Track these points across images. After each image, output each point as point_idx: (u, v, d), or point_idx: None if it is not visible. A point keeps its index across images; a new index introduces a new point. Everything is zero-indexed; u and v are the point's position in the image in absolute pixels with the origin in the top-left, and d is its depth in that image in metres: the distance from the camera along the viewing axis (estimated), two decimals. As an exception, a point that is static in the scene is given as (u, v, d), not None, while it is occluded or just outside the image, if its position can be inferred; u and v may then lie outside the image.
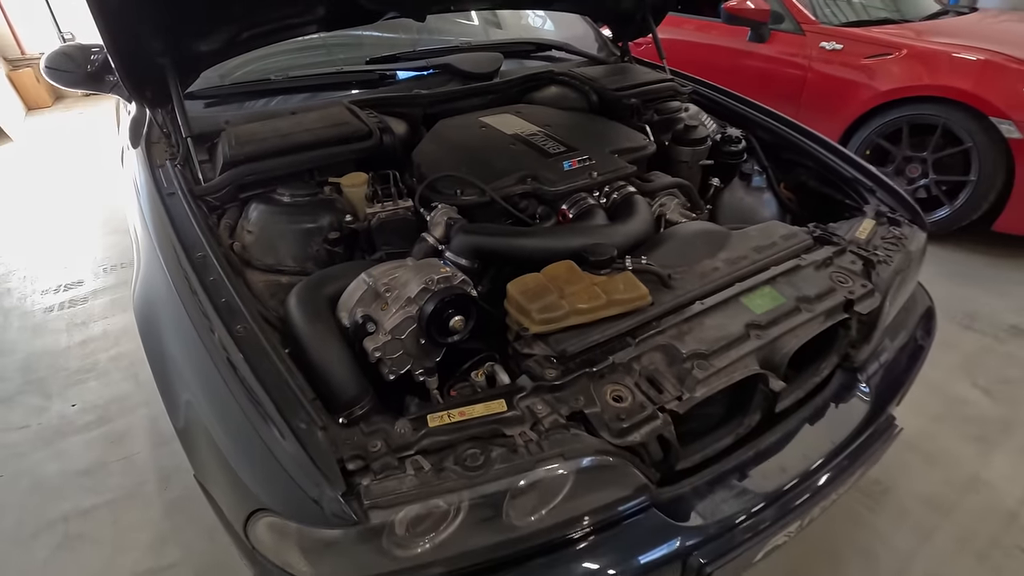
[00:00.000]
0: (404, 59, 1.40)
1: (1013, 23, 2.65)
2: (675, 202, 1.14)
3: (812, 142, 1.29)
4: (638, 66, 1.58)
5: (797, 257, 0.93)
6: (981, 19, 2.71)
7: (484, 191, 0.95)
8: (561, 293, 0.77)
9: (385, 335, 0.74)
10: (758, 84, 2.67)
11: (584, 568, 0.68)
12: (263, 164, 0.99)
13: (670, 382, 0.71)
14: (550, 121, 1.22)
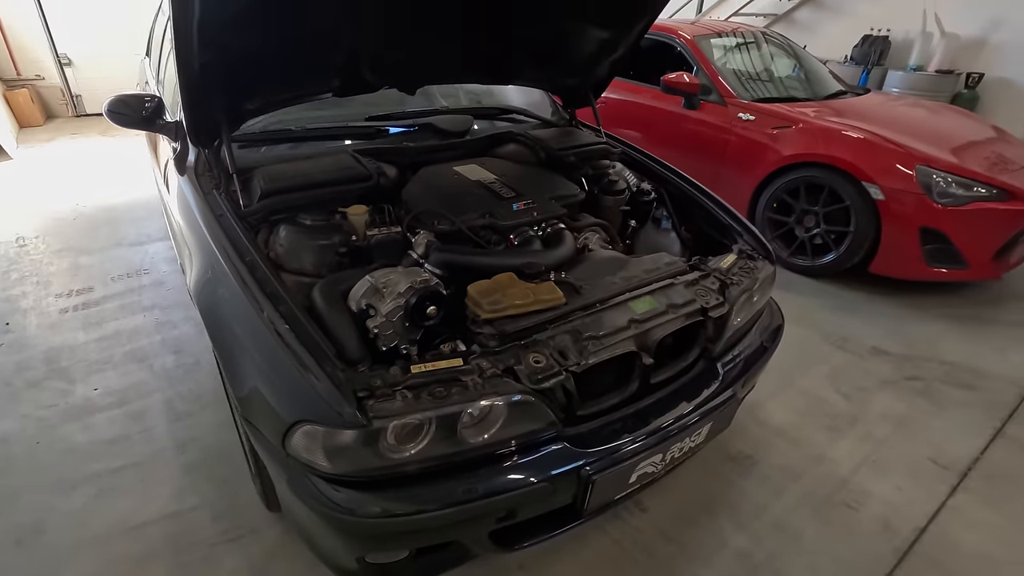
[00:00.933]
0: (396, 118, 1.77)
1: (898, 106, 3.23)
2: (596, 236, 1.53)
3: (703, 196, 1.71)
4: (581, 130, 2.00)
5: (673, 278, 1.32)
6: (872, 101, 3.27)
7: (454, 223, 1.32)
8: (504, 293, 1.13)
9: (382, 318, 1.08)
10: (692, 143, 3.17)
11: (512, 476, 1.02)
12: (291, 196, 1.33)
13: (573, 353, 1.08)
14: (506, 172, 1.60)
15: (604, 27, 1.70)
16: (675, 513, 1.47)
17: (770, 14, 5.78)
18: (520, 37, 1.63)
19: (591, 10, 1.61)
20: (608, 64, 1.87)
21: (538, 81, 1.97)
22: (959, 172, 2.41)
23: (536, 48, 1.71)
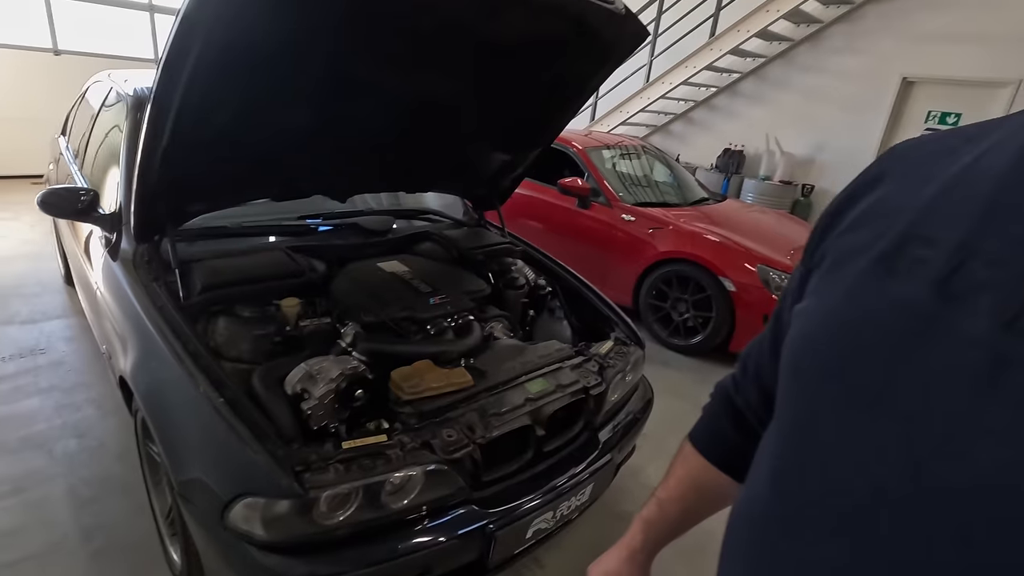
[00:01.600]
0: (326, 217, 2.00)
1: (748, 213, 3.93)
2: (500, 326, 1.81)
3: (588, 291, 2.06)
4: (488, 230, 2.33)
5: (561, 362, 1.61)
6: (728, 208, 3.95)
7: (378, 315, 1.54)
8: (422, 378, 1.35)
9: (315, 400, 1.26)
10: (586, 236, 3.63)
11: (427, 536, 1.21)
12: (230, 291, 1.50)
13: (479, 427, 1.31)
14: (424, 268, 1.86)
15: (505, 153, 2.07)
16: (569, 569, 1.68)
17: (651, 124, 6.76)
18: (436, 159, 1.95)
19: (493, 141, 1.98)
20: (510, 179, 2.24)
21: (452, 189, 2.29)
22: (790, 270, 3.00)
23: (450, 166, 2.04)
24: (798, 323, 0.47)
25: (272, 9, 1.09)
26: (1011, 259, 0.34)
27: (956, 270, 0.37)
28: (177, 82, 1.16)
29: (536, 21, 1.30)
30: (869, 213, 0.45)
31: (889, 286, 0.40)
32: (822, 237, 0.49)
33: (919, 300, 0.38)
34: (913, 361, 0.36)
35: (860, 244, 0.43)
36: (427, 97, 1.63)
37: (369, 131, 1.69)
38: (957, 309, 0.36)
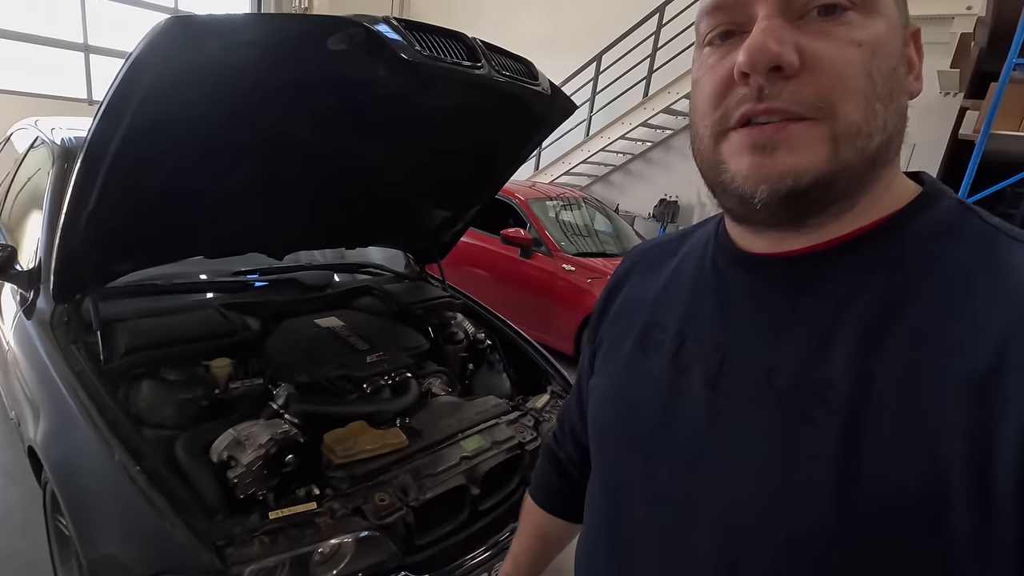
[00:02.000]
0: (263, 273, 1.98)
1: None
2: (438, 381, 1.82)
3: (526, 344, 2.11)
4: (429, 284, 2.36)
5: (498, 418, 1.64)
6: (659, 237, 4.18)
7: (312, 375, 1.53)
8: (355, 440, 1.35)
9: (242, 468, 1.23)
10: (529, 285, 3.73)
11: (358, 606, 1.18)
12: (155, 353, 1.45)
13: (413, 490, 1.31)
14: (362, 324, 1.87)
15: (445, 209, 2.13)
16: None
17: (593, 175, 7.08)
18: (376, 215, 1.99)
19: (433, 199, 2.04)
20: (451, 234, 2.30)
21: (393, 243, 2.32)
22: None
23: (390, 222, 2.08)
24: (594, 396, 0.60)
25: (218, 69, 1.10)
26: (703, 342, 0.49)
27: (679, 349, 0.50)
28: (114, 131, 1.13)
29: (468, 96, 1.39)
30: (625, 305, 0.60)
31: (645, 363, 0.53)
32: (598, 325, 0.63)
33: (663, 373, 0.51)
34: (667, 417, 0.49)
35: (624, 331, 0.57)
36: (366, 159, 1.68)
37: (308, 189, 1.71)
38: (684, 377, 0.49)
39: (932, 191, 0.44)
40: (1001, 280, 0.37)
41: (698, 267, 0.53)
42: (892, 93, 0.40)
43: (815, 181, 0.39)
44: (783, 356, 0.43)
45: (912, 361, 0.37)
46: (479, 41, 1.30)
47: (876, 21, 0.39)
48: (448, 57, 1.21)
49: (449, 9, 8.58)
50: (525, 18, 7.73)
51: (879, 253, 0.42)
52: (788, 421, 0.41)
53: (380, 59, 1.15)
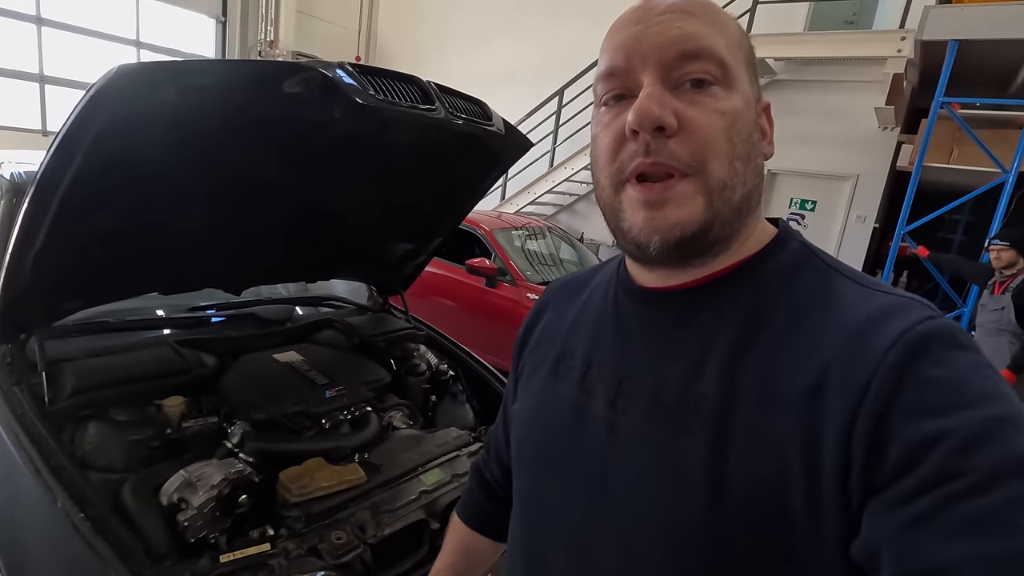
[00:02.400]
0: (220, 308, 1.96)
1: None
2: (400, 415, 1.82)
3: (488, 374, 2.13)
4: (392, 315, 2.37)
5: (459, 450, 1.64)
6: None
7: (269, 412, 1.51)
8: (312, 478, 1.33)
9: (193, 510, 1.20)
10: (494, 314, 3.76)
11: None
12: (104, 393, 1.42)
13: (371, 526, 1.30)
14: (322, 358, 1.86)
15: (407, 242, 2.16)
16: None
17: (558, 204, 7.22)
18: (337, 249, 2.00)
19: (395, 233, 2.07)
20: (413, 266, 2.32)
21: (355, 276, 2.33)
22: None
23: (352, 255, 2.10)
24: (516, 420, 0.65)
25: (175, 112, 1.11)
26: (605, 366, 0.56)
27: (586, 373, 0.57)
28: (66, 169, 1.11)
29: (425, 136, 1.43)
30: (543, 334, 0.67)
31: (558, 387, 0.60)
32: (520, 353, 0.70)
33: (572, 395, 0.57)
34: (575, 436, 0.56)
35: (541, 358, 0.64)
36: (326, 196, 1.70)
37: (267, 226, 1.72)
38: (589, 398, 0.55)
39: (783, 235, 0.53)
40: (832, 313, 0.45)
41: (603, 299, 0.61)
42: (749, 155, 0.49)
43: (697, 229, 0.47)
44: (669, 377, 0.50)
45: (764, 377, 0.45)
46: (433, 84, 1.35)
47: (734, 95, 0.48)
48: (403, 101, 1.26)
49: (416, 44, 8.78)
50: (491, 52, 7.95)
51: (741, 288, 0.50)
52: (671, 434, 0.48)
53: (336, 102, 1.19)
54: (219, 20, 7.43)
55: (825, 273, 0.49)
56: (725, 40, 0.49)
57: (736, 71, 0.49)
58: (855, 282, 0.48)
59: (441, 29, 8.44)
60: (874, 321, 0.43)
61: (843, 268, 0.50)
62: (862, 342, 0.42)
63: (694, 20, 0.48)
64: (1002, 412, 0.37)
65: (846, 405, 0.40)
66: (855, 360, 0.41)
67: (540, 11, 7.48)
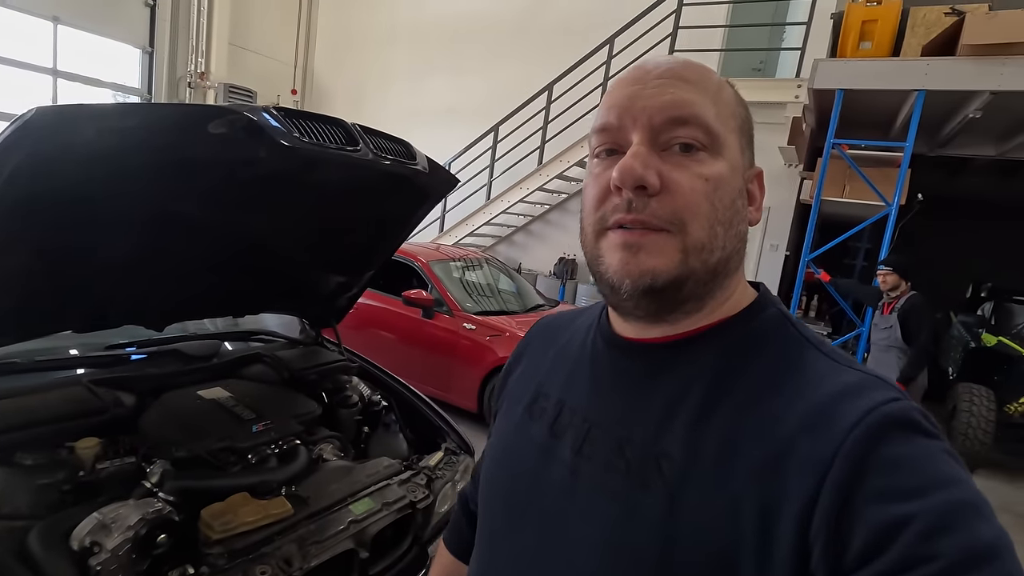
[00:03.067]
0: (141, 345, 1.91)
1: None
2: (330, 447, 1.82)
3: (421, 403, 2.17)
4: (323, 349, 2.37)
5: (389, 479, 1.66)
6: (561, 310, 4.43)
7: (192, 449, 1.49)
8: (235, 513, 1.32)
9: (107, 554, 1.17)
10: (431, 344, 3.78)
11: None
12: (10, 437, 1.36)
13: (297, 558, 1.30)
14: (249, 393, 1.84)
15: (339, 275, 2.19)
16: None
17: (496, 235, 7.38)
18: (266, 283, 2.00)
19: (326, 266, 2.10)
20: (346, 298, 2.34)
21: (286, 310, 2.32)
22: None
23: (282, 288, 2.10)
24: (486, 456, 0.67)
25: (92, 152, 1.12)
26: (576, 411, 0.57)
27: (557, 417, 0.58)
28: None
29: (351, 175, 1.50)
30: (524, 372, 0.68)
31: (530, 427, 0.60)
32: (502, 387, 0.72)
33: (542, 437, 0.58)
34: (539, 477, 0.57)
35: (519, 396, 0.65)
36: (255, 231, 1.72)
37: (193, 261, 1.71)
38: (558, 442, 0.56)
39: (763, 301, 0.54)
40: (799, 385, 0.46)
41: (582, 343, 0.61)
42: (731, 220, 0.50)
43: (668, 282, 0.48)
44: (634, 431, 0.50)
45: (725, 441, 0.46)
46: (358, 126, 1.42)
47: (720, 162, 0.49)
48: (329, 142, 1.33)
49: (355, 79, 8.85)
50: (430, 90, 8.14)
51: (714, 349, 0.51)
52: (631, 488, 0.48)
53: (261, 143, 1.24)
54: (146, 50, 7.23)
55: (797, 344, 0.50)
56: (717, 109, 0.49)
57: (725, 139, 0.50)
58: (826, 355, 0.48)
59: (380, 65, 8.58)
60: (840, 398, 0.43)
61: (815, 340, 0.50)
62: (827, 417, 0.42)
63: (688, 87, 0.49)
64: (964, 497, 0.38)
65: (808, 481, 0.40)
66: (818, 435, 0.42)
67: (476, 53, 7.76)
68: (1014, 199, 6.69)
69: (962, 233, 7.11)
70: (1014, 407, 4.19)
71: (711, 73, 0.52)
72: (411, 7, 8.29)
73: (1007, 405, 4.21)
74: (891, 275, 3.48)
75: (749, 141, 0.54)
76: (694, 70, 0.51)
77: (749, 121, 0.54)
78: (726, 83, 0.53)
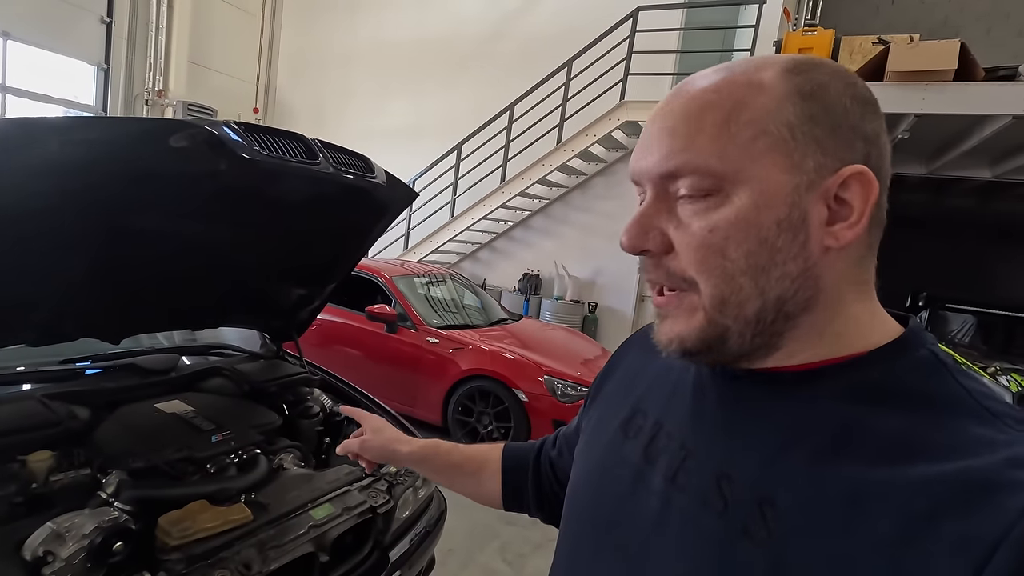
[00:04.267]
0: (95, 359, 1.89)
1: (541, 330, 4.49)
2: (291, 456, 1.84)
3: (383, 412, 2.20)
4: (286, 361, 2.38)
5: (350, 485, 1.69)
6: (523, 326, 4.49)
7: (149, 459, 1.49)
8: (194, 520, 1.34)
9: (61, 562, 1.17)
10: (395, 359, 3.80)
11: None
12: (-41, 450, 1.34)
13: (256, 562, 1.32)
14: (208, 405, 1.84)
15: (301, 288, 2.22)
16: None
17: (461, 252, 7.45)
18: (226, 295, 2.02)
19: (287, 279, 2.12)
20: (308, 311, 2.36)
21: (246, 323, 2.33)
22: (572, 379, 3.49)
23: (242, 301, 2.12)
24: (575, 467, 0.64)
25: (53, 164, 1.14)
26: (673, 436, 0.52)
27: (653, 439, 0.53)
28: None
29: (312, 188, 1.56)
30: (620, 382, 0.65)
31: (623, 446, 0.56)
32: (597, 390, 0.69)
33: (636, 458, 0.54)
34: (628, 501, 0.52)
35: (614, 409, 0.61)
36: (215, 243, 1.74)
37: (151, 272, 1.72)
38: (651, 467, 0.52)
39: (911, 338, 0.45)
40: (955, 445, 0.38)
41: (684, 364, 0.54)
42: (763, 265, 0.43)
43: (699, 343, 0.45)
44: (736, 466, 0.45)
45: (848, 497, 0.39)
46: (318, 141, 1.49)
47: (731, 205, 0.43)
48: (288, 155, 1.38)
49: (317, 99, 8.87)
50: (392, 109, 8.22)
51: (842, 389, 0.43)
52: (728, 530, 0.43)
53: (222, 156, 1.29)
54: (101, 67, 7.10)
55: (955, 397, 0.41)
56: (725, 140, 0.42)
57: (742, 170, 0.42)
58: (991, 414, 0.40)
59: (342, 84, 8.62)
60: (1005, 468, 0.36)
61: (979, 393, 0.41)
62: (987, 491, 0.35)
63: (678, 134, 0.44)
64: None
65: (961, 563, 0.34)
66: (977, 511, 0.35)
67: (437, 74, 7.91)
68: (942, 214, 7.18)
69: (899, 245, 7.53)
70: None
71: (725, 94, 0.43)
72: (373, 28, 8.40)
73: (943, 406, 4.47)
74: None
75: (811, 145, 0.42)
76: (698, 101, 0.44)
77: (812, 119, 0.42)
78: (763, 89, 0.43)
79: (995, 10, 6.14)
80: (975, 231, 7.40)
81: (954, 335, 5.39)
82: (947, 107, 3.89)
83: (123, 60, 7.17)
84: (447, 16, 7.81)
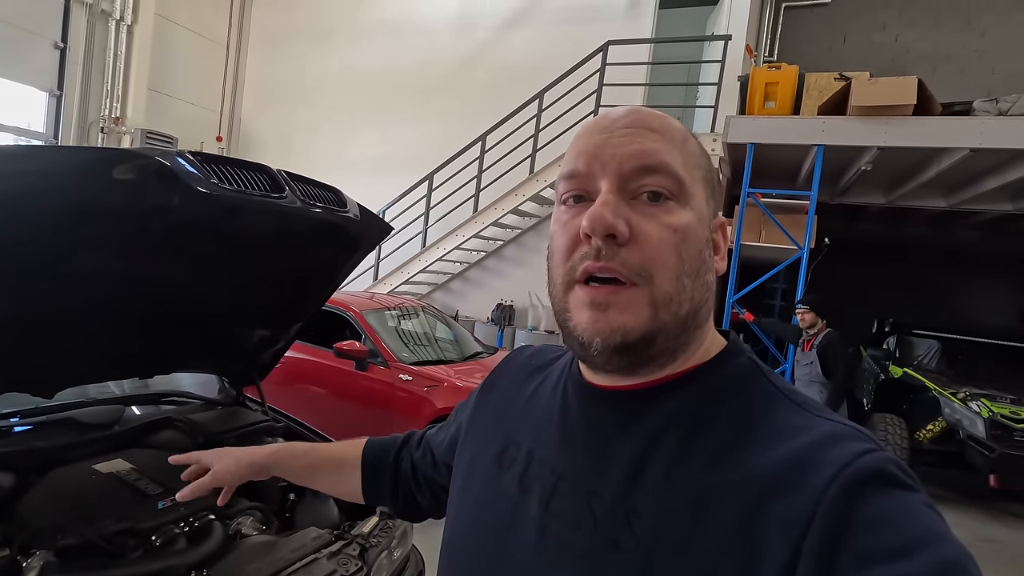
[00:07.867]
0: (24, 415, 1.68)
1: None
2: (251, 520, 1.64)
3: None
4: (245, 409, 2.18)
5: (317, 552, 1.51)
6: (500, 357, 4.37)
7: (83, 534, 1.30)
8: (134, 608, 1.15)
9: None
10: (366, 397, 3.61)
11: None
12: None
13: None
14: (155, 464, 1.65)
15: (264, 328, 2.05)
16: None
17: (432, 283, 7.30)
18: (182, 339, 1.84)
19: (250, 319, 1.96)
20: (271, 353, 2.19)
21: (203, 368, 2.14)
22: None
23: (199, 345, 1.93)
24: (452, 503, 0.64)
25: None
26: (545, 463, 0.55)
27: (527, 469, 0.56)
28: None
29: (279, 223, 1.42)
30: (494, 412, 0.65)
31: (501, 478, 0.58)
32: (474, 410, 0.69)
33: (512, 490, 0.56)
34: (509, 533, 0.54)
35: (488, 441, 0.62)
36: (168, 283, 1.58)
37: (93, 316, 1.54)
38: (526, 496, 0.54)
39: (732, 349, 0.53)
40: (773, 435, 0.45)
41: (553, 391, 0.59)
42: (698, 271, 0.49)
43: (639, 338, 0.47)
44: (603, 483, 0.49)
45: (698, 497, 0.44)
46: (284, 172, 1.36)
47: (687, 212, 0.49)
48: (250, 189, 1.25)
49: (284, 128, 8.71)
50: (361, 140, 8.13)
51: (685, 398, 0.50)
52: (599, 546, 0.46)
53: (175, 190, 1.15)
54: (53, 94, 6.80)
55: (769, 393, 0.49)
56: (684, 158, 0.49)
57: (691, 188, 0.49)
58: (797, 405, 0.47)
59: (310, 114, 8.49)
60: (814, 449, 0.42)
61: (786, 389, 0.49)
62: (800, 472, 0.41)
63: (654, 137, 0.49)
64: (950, 556, 0.37)
65: (786, 543, 0.39)
66: (793, 491, 0.40)
67: (407, 105, 7.87)
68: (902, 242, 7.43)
69: (863, 273, 7.77)
70: (923, 434, 4.50)
71: (676, 123, 0.52)
72: (342, 58, 8.34)
73: (917, 432, 4.51)
74: (808, 313, 3.71)
75: (713, 191, 0.53)
76: (659, 119, 0.51)
77: (713, 171, 0.53)
78: (690, 134, 0.53)
79: (937, 52, 6.48)
80: (933, 258, 7.68)
81: (920, 359, 5.49)
82: (909, 140, 4.01)
83: (77, 86, 6.89)
84: (418, 46, 7.82)
